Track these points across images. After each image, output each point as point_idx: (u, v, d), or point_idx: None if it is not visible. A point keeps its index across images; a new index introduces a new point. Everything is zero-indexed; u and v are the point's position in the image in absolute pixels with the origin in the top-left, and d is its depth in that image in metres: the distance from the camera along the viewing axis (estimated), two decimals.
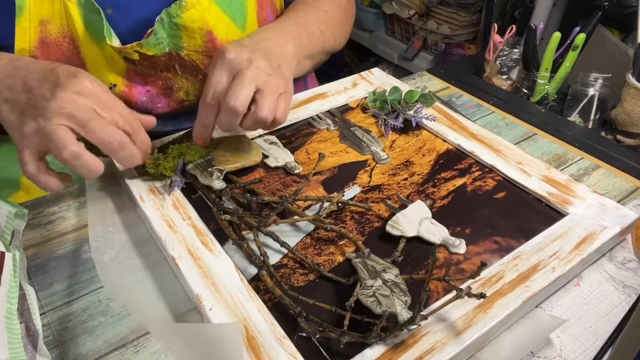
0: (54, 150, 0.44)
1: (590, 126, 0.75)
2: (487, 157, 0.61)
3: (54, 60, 0.58)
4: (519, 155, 0.61)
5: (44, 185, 0.47)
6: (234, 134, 0.63)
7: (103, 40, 0.57)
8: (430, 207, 0.54)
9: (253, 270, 0.48)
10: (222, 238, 0.50)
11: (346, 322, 0.40)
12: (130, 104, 0.64)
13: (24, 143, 0.45)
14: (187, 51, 0.62)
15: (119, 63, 0.60)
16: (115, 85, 0.62)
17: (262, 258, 0.47)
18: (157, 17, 0.58)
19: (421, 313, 0.39)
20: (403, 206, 0.53)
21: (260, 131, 0.65)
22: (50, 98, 0.44)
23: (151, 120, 0.54)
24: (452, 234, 0.51)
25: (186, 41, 0.61)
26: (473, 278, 0.40)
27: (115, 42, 0.57)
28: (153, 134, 0.71)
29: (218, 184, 0.54)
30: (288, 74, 0.56)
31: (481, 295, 0.39)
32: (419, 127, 0.68)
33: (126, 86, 0.63)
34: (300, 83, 0.85)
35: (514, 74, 0.84)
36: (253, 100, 0.51)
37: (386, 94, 0.71)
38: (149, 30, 0.58)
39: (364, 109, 0.72)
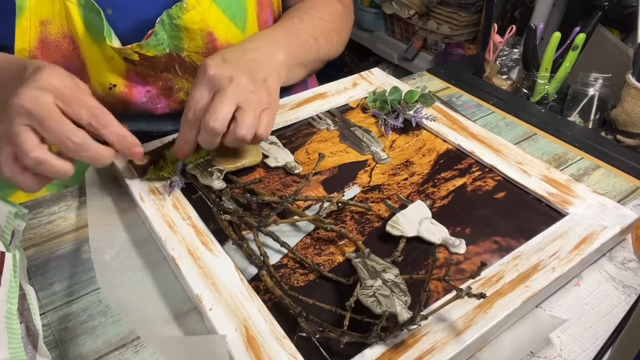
0: (20, 156, 0.41)
1: (590, 126, 0.75)
2: (487, 157, 0.61)
3: (54, 61, 0.58)
4: (519, 155, 0.61)
5: (21, 186, 0.44)
6: None
7: (103, 41, 0.57)
8: (430, 207, 0.54)
9: (253, 270, 0.48)
10: (222, 238, 0.50)
11: (346, 322, 0.40)
12: (130, 104, 0.64)
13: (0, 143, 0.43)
14: (187, 52, 0.62)
15: (119, 63, 0.60)
16: (115, 86, 0.62)
17: (262, 258, 0.47)
18: (158, 19, 0.58)
19: (421, 313, 0.39)
20: (403, 206, 0.53)
21: None
22: (13, 95, 0.41)
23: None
24: (452, 234, 0.51)
25: (187, 42, 0.61)
26: (473, 278, 0.40)
27: (116, 43, 0.57)
28: (154, 134, 0.72)
29: (218, 184, 0.54)
30: (274, 87, 0.56)
31: (481, 295, 0.39)
32: (419, 127, 0.68)
33: (126, 86, 0.63)
34: (300, 83, 0.85)
35: (514, 74, 0.84)
36: (233, 118, 0.50)
37: (386, 94, 0.71)
38: (149, 32, 0.58)
39: (364, 109, 0.72)
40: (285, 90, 0.84)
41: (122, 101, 0.64)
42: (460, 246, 0.49)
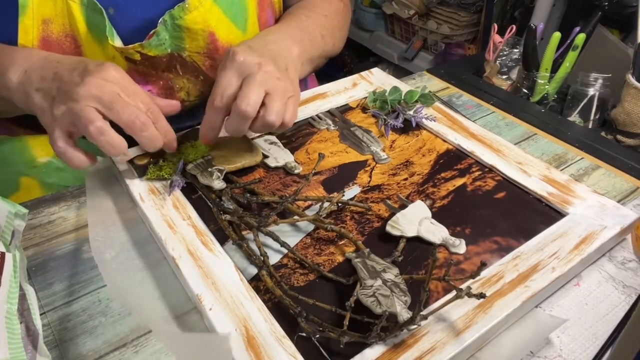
0: (81, 127, 0.47)
1: (590, 126, 0.75)
2: (487, 157, 0.61)
3: None
4: (519, 155, 0.61)
5: (70, 160, 0.49)
6: None
7: (105, 40, 0.57)
8: (430, 207, 0.54)
9: (253, 270, 0.48)
10: (222, 238, 0.50)
11: (346, 322, 0.40)
12: None
13: (54, 124, 0.48)
14: (189, 52, 0.62)
15: (120, 63, 0.61)
16: None
17: (262, 258, 0.47)
18: (160, 19, 0.58)
19: (421, 313, 0.39)
20: (403, 206, 0.53)
21: None
22: (79, 83, 0.47)
23: (175, 104, 0.56)
24: (452, 234, 0.51)
25: (188, 43, 0.61)
26: (473, 278, 0.40)
27: (117, 42, 0.58)
28: None
29: (218, 184, 0.54)
30: (295, 77, 0.57)
31: (481, 295, 0.39)
32: (419, 127, 0.68)
33: None
34: (300, 83, 0.85)
35: (514, 74, 0.84)
36: (262, 104, 0.51)
37: (386, 94, 0.71)
38: (151, 32, 0.58)
39: (364, 109, 0.72)
40: None
41: None
42: (460, 246, 0.49)
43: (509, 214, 0.54)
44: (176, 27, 0.59)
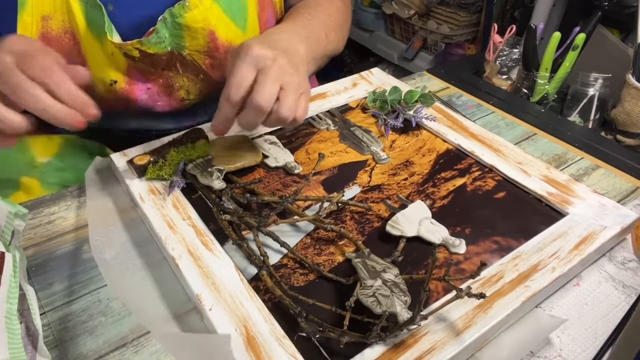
0: None
1: (590, 126, 0.75)
2: (487, 157, 0.61)
3: None
4: (519, 155, 0.61)
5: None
6: (235, 133, 0.63)
7: (104, 36, 0.57)
8: (430, 207, 0.54)
9: (253, 270, 0.48)
10: (222, 238, 0.50)
11: (346, 322, 0.40)
12: (130, 101, 0.64)
13: None
14: (189, 51, 0.62)
15: (119, 60, 0.61)
16: (115, 82, 0.62)
17: (262, 258, 0.47)
18: (160, 17, 0.58)
19: (421, 313, 0.39)
20: (403, 206, 0.53)
21: (260, 131, 0.66)
22: None
23: (81, 70, 0.49)
24: (452, 234, 0.51)
25: (188, 41, 0.61)
26: (473, 278, 0.40)
27: (116, 38, 0.57)
28: (153, 132, 0.72)
29: (218, 184, 0.54)
30: (305, 74, 0.57)
31: (481, 295, 0.39)
32: (419, 127, 0.68)
33: (127, 83, 0.63)
34: None
35: (514, 74, 0.84)
36: (276, 99, 0.51)
37: (386, 94, 0.71)
38: (150, 29, 0.58)
39: (364, 109, 0.72)
40: None
41: (123, 98, 0.64)
42: (460, 246, 0.49)
43: (509, 214, 0.54)
44: (176, 25, 0.59)
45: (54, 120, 0.45)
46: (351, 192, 0.57)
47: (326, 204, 0.53)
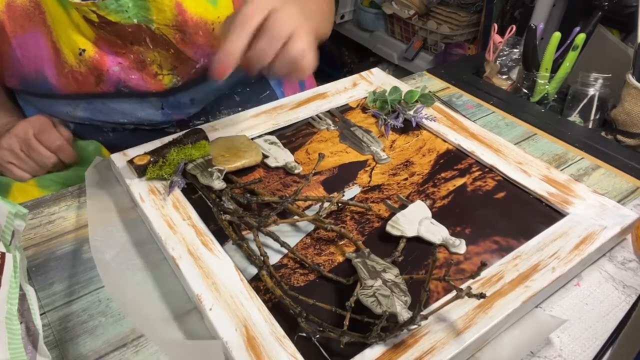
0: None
1: (590, 126, 0.75)
2: (487, 157, 0.61)
3: (21, 25, 0.59)
4: (519, 155, 0.61)
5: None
6: (233, 135, 0.63)
7: (68, 5, 0.56)
8: (430, 207, 0.54)
9: (253, 270, 0.48)
10: (222, 238, 0.50)
11: (346, 322, 0.40)
12: (102, 70, 0.64)
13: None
14: (157, 25, 0.62)
15: (86, 30, 0.60)
16: (84, 51, 0.62)
17: (262, 258, 0.47)
18: None
19: (421, 313, 0.39)
20: (403, 206, 0.53)
21: (260, 131, 0.65)
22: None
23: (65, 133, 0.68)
24: (452, 234, 0.51)
25: (155, 14, 0.61)
26: (473, 278, 0.40)
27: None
28: (145, 125, 0.72)
29: (218, 184, 0.54)
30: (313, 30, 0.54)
31: (481, 295, 0.39)
32: (419, 127, 0.68)
33: (96, 53, 0.63)
34: (295, 84, 0.84)
35: (514, 74, 0.84)
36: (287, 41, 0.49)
37: (386, 94, 0.71)
38: None
39: (364, 109, 0.72)
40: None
41: (95, 68, 0.63)
42: (460, 246, 0.49)
43: (509, 214, 0.54)
44: None
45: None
46: (351, 192, 0.57)
47: (326, 204, 0.53)
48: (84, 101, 0.67)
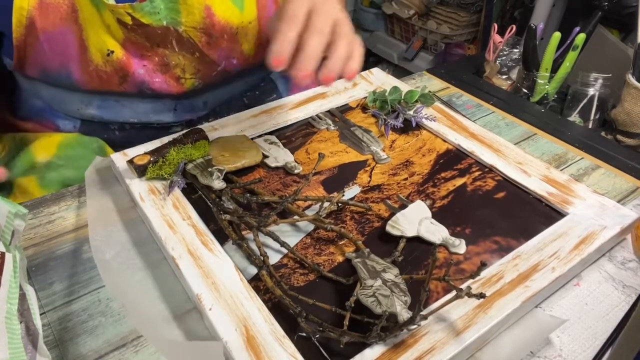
0: None
1: (590, 126, 0.75)
2: (487, 157, 0.61)
3: (52, 23, 0.58)
4: (519, 155, 0.61)
5: None
6: (233, 134, 0.63)
7: (101, 5, 0.57)
8: (430, 207, 0.54)
9: (253, 270, 0.48)
10: (222, 238, 0.50)
11: (346, 322, 0.40)
12: (128, 73, 0.64)
13: None
14: (185, 27, 0.62)
15: (116, 31, 0.60)
16: (112, 52, 0.62)
17: (262, 258, 0.47)
18: None
19: (421, 313, 0.39)
20: (403, 206, 0.53)
21: (260, 131, 0.66)
22: None
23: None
24: (452, 234, 0.51)
25: (184, 16, 0.61)
26: (473, 278, 0.40)
27: (111, 0, 0.57)
28: (153, 125, 0.72)
29: (218, 184, 0.54)
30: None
31: (481, 295, 0.39)
32: (419, 127, 0.68)
33: (124, 55, 0.63)
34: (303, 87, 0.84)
35: (514, 74, 0.84)
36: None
37: (386, 94, 0.71)
38: None
39: (364, 108, 0.72)
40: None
41: (120, 69, 0.64)
42: (460, 246, 0.49)
43: (509, 214, 0.54)
44: None
45: None
46: (351, 192, 0.57)
47: (326, 204, 0.53)
48: (98, 98, 0.68)
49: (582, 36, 0.74)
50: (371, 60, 2.22)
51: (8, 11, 0.56)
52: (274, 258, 0.49)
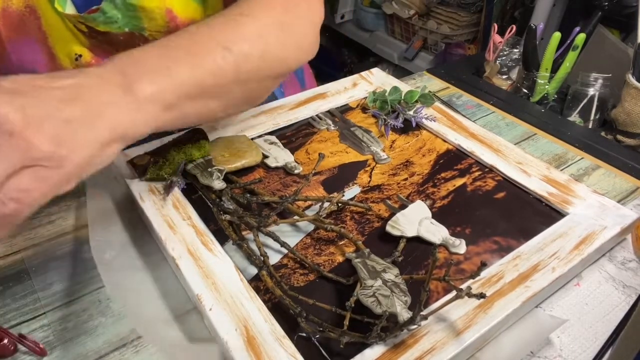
0: None
1: (590, 126, 0.75)
2: (487, 157, 0.61)
3: (15, 32, 0.57)
4: (519, 155, 0.61)
5: None
6: (233, 135, 0.63)
7: (61, 9, 0.56)
8: (430, 207, 0.54)
9: (253, 270, 0.48)
10: (222, 238, 0.50)
11: (346, 322, 0.40)
12: None
13: None
14: (149, 32, 0.61)
15: (80, 36, 0.60)
16: (81, 56, 0.61)
17: (262, 258, 0.47)
18: None
19: (421, 313, 0.39)
20: (403, 206, 0.53)
21: (260, 131, 0.65)
22: None
23: None
24: (452, 234, 0.51)
25: (146, 22, 0.60)
26: (473, 278, 0.40)
27: (69, 10, 0.56)
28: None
29: (218, 184, 0.54)
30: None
31: (481, 295, 0.39)
32: (419, 127, 0.68)
33: (92, 58, 0.62)
34: (296, 83, 0.84)
35: (514, 74, 0.84)
36: None
37: (386, 94, 0.71)
38: (93, 7, 0.57)
39: (364, 109, 0.72)
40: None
41: None
42: (460, 246, 0.49)
43: (509, 214, 0.54)
44: (129, 6, 0.57)
45: None
46: (351, 192, 0.57)
47: (326, 204, 0.53)
48: None
49: (582, 36, 0.74)
50: (371, 60, 2.22)
51: None
52: (274, 258, 0.49)
